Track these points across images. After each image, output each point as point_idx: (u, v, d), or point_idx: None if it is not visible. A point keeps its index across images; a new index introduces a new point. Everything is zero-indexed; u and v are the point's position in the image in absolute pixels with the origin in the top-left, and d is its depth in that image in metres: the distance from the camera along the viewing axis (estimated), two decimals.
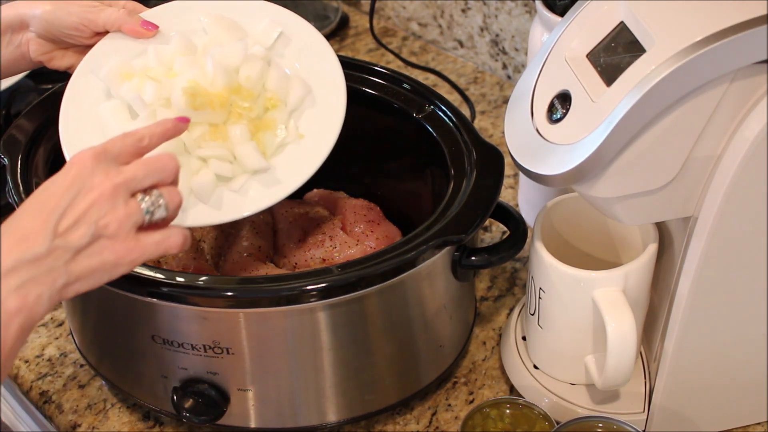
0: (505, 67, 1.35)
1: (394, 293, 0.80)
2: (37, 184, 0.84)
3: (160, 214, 0.69)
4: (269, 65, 0.86)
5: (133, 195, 0.68)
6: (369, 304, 0.80)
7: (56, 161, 0.87)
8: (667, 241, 0.81)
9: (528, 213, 1.08)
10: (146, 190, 0.69)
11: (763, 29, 0.64)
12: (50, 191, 0.66)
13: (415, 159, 0.96)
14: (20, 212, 0.65)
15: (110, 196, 0.66)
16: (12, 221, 0.65)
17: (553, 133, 0.72)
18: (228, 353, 0.79)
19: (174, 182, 0.71)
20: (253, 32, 0.88)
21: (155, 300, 0.77)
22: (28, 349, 0.98)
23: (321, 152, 0.83)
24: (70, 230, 0.65)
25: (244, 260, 0.92)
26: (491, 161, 0.87)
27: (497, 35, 1.32)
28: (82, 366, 0.96)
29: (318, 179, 0.83)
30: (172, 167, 0.70)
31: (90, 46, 0.87)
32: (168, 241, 0.70)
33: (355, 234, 0.94)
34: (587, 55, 0.74)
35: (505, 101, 1.31)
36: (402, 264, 0.78)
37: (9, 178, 0.84)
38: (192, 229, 0.91)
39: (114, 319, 0.84)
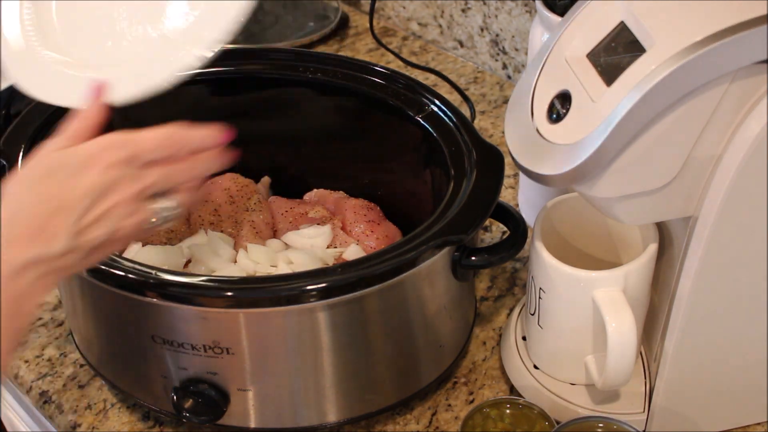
0: (505, 67, 1.34)
1: (394, 293, 0.80)
2: None
3: (167, 225, 0.70)
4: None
5: (150, 197, 0.69)
6: (369, 304, 0.80)
7: None
8: (667, 241, 0.81)
9: (528, 213, 1.07)
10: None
11: (763, 29, 0.64)
12: (70, 185, 0.65)
13: (415, 159, 0.96)
14: (25, 196, 0.65)
15: (131, 200, 0.67)
16: (17, 206, 0.65)
17: (553, 133, 0.72)
18: (228, 353, 0.79)
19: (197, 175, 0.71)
20: None
21: (155, 300, 0.77)
22: (28, 349, 0.98)
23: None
24: (88, 229, 0.65)
25: None
26: (491, 161, 0.87)
27: (497, 35, 1.32)
28: (82, 366, 0.96)
29: (318, 179, 0.83)
30: (196, 167, 0.70)
31: None
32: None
33: (355, 234, 0.94)
34: (587, 55, 0.73)
35: (505, 101, 1.30)
36: (402, 264, 0.78)
37: None
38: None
39: (114, 319, 0.84)
